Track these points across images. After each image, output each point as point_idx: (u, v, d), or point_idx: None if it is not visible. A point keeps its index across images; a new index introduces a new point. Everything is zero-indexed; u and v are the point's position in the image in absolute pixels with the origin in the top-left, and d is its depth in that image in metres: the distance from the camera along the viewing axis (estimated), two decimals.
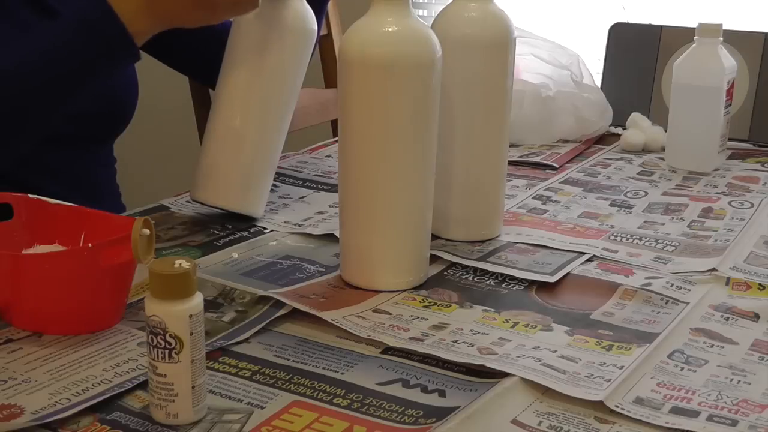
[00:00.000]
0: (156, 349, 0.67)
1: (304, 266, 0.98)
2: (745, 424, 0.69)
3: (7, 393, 0.72)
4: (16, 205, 0.90)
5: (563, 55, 1.51)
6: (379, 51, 0.88)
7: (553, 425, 0.70)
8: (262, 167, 1.10)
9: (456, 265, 0.98)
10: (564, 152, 1.41)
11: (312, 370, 0.77)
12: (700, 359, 0.80)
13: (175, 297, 0.67)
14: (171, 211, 1.14)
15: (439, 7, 1.87)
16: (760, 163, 1.38)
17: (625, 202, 1.20)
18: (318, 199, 1.20)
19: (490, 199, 1.06)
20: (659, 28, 1.56)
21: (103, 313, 0.83)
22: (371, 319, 0.86)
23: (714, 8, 2.05)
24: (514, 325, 0.85)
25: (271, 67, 1.09)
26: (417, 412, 0.71)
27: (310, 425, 0.69)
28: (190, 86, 1.60)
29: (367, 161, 0.90)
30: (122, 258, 0.80)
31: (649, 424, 0.69)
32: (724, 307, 0.89)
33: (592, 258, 1.00)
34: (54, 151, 1.15)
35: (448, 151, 1.01)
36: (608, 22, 1.62)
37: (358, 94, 0.89)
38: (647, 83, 1.55)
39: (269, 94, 1.09)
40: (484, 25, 1.01)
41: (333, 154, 1.41)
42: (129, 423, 0.69)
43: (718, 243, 1.05)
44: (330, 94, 1.78)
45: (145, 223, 0.80)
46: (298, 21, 1.08)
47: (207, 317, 0.76)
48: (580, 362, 0.78)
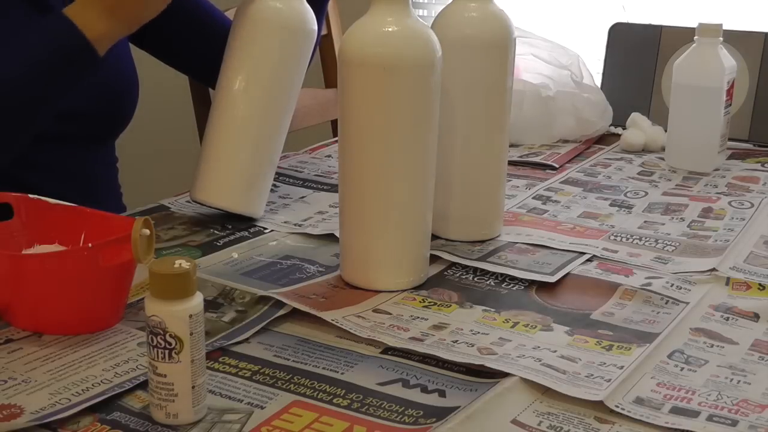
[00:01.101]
0: (156, 349, 0.67)
1: (304, 266, 0.98)
2: (745, 424, 0.69)
3: (7, 393, 0.72)
4: (16, 205, 0.90)
5: (563, 55, 1.51)
6: (379, 51, 0.88)
7: (553, 425, 0.70)
8: (262, 167, 1.10)
9: (456, 265, 0.98)
10: (564, 152, 1.41)
11: (312, 370, 0.77)
12: (700, 359, 0.80)
13: (175, 297, 0.67)
14: (171, 211, 1.14)
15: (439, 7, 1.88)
16: (760, 163, 1.38)
17: (625, 202, 1.20)
18: (318, 199, 1.20)
19: (490, 199, 1.06)
20: (659, 28, 1.56)
21: (103, 313, 0.83)
22: (371, 319, 0.86)
23: (714, 8, 2.05)
24: (514, 325, 0.85)
25: (270, 68, 1.09)
26: (417, 412, 0.71)
27: (310, 425, 0.69)
28: (190, 86, 1.60)
29: (367, 161, 0.90)
30: (122, 258, 0.80)
31: (649, 424, 0.69)
32: (724, 307, 0.89)
33: (592, 258, 1.00)
34: (54, 151, 1.15)
35: (448, 151, 1.01)
36: (608, 22, 1.62)
37: (358, 94, 0.89)
38: (647, 83, 1.55)
39: (269, 94, 1.09)
40: (484, 25, 1.01)
41: (333, 154, 1.41)
42: (129, 423, 0.69)
43: (718, 243, 1.05)
44: (330, 94, 1.78)
45: (145, 223, 0.80)
46: (299, 21, 1.08)
47: (207, 317, 0.76)
48: (580, 362, 0.78)
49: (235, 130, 1.09)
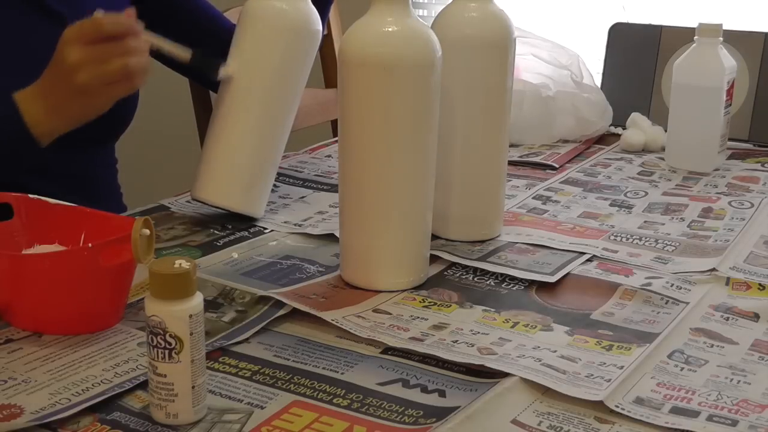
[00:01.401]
0: (156, 349, 0.67)
1: (304, 266, 0.98)
2: (745, 424, 0.69)
3: (7, 393, 0.72)
4: (16, 205, 0.90)
5: (563, 55, 1.51)
6: (379, 51, 0.88)
7: (553, 425, 0.70)
8: (263, 168, 1.10)
9: (456, 265, 0.98)
10: (564, 152, 1.41)
11: (312, 370, 0.77)
12: (700, 359, 0.80)
13: (175, 297, 0.67)
14: (171, 211, 1.14)
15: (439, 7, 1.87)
16: (760, 163, 1.38)
17: (625, 202, 1.20)
18: (318, 199, 1.20)
19: (490, 199, 1.06)
20: (659, 28, 1.56)
21: (103, 313, 0.83)
22: (371, 319, 0.86)
23: (714, 8, 2.04)
24: (514, 325, 0.85)
25: (275, 68, 1.09)
26: (417, 412, 0.71)
27: (310, 425, 0.69)
28: (190, 86, 1.60)
29: (367, 161, 0.90)
30: (122, 258, 0.80)
31: (649, 424, 0.69)
32: (724, 307, 0.89)
33: (592, 258, 1.00)
34: (54, 152, 1.15)
35: (448, 151, 1.01)
36: (608, 22, 1.62)
37: (358, 94, 0.89)
38: (647, 83, 1.55)
39: (273, 94, 1.09)
40: (484, 25, 1.01)
41: (333, 154, 1.41)
42: (129, 423, 0.69)
43: (718, 243, 1.05)
44: (330, 94, 1.78)
45: (145, 223, 0.80)
46: (304, 22, 1.08)
47: (207, 317, 0.76)
48: (580, 362, 0.78)
49: (238, 129, 1.09)
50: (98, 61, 0.96)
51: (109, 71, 0.96)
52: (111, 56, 0.96)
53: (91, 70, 0.96)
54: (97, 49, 0.96)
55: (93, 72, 0.96)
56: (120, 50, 0.96)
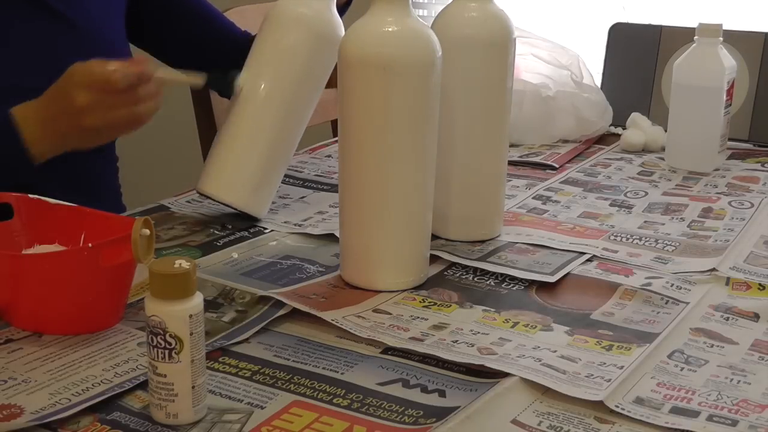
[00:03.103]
0: (156, 349, 0.67)
1: (304, 266, 0.98)
2: (745, 424, 0.69)
3: (7, 393, 0.72)
4: (16, 205, 0.90)
5: (563, 55, 1.51)
6: (379, 51, 0.88)
7: (553, 425, 0.70)
8: (273, 170, 1.11)
9: (456, 265, 0.98)
10: (564, 152, 1.41)
11: (312, 370, 0.77)
12: (700, 359, 0.80)
13: (175, 297, 0.67)
14: (171, 211, 1.14)
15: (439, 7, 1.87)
16: (760, 163, 1.38)
17: (625, 202, 1.20)
18: (318, 199, 1.20)
19: (490, 199, 1.06)
20: (659, 28, 1.56)
21: (103, 313, 0.83)
22: (371, 319, 0.86)
23: (714, 8, 2.05)
24: (514, 325, 0.85)
25: (296, 73, 1.09)
26: (417, 412, 0.71)
27: (310, 425, 0.69)
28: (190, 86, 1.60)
29: (367, 161, 0.90)
30: (122, 258, 0.80)
31: (649, 424, 0.69)
32: (724, 307, 0.89)
33: (592, 258, 1.00)
34: None
35: (448, 151, 1.01)
36: (608, 22, 1.62)
37: (358, 94, 0.89)
38: (647, 83, 1.55)
39: (292, 98, 1.10)
40: (484, 25, 1.01)
41: (333, 154, 1.41)
42: (129, 423, 0.69)
43: (718, 243, 1.05)
44: (330, 94, 1.77)
45: (145, 223, 0.80)
46: (329, 28, 1.08)
47: (207, 317, 0.76)
48: (580, 362, 0.78)
49: (253, 129, 1.09)
50: (108, 108, 0.97)
51: (117, 117, 0.97)
52: (121, 105, 0.97)
53: (99, 116, 0.97)
54: (108, 97, 0.96)
55: (101, 118, 0.97)
56: (131, 100, 0.97)
